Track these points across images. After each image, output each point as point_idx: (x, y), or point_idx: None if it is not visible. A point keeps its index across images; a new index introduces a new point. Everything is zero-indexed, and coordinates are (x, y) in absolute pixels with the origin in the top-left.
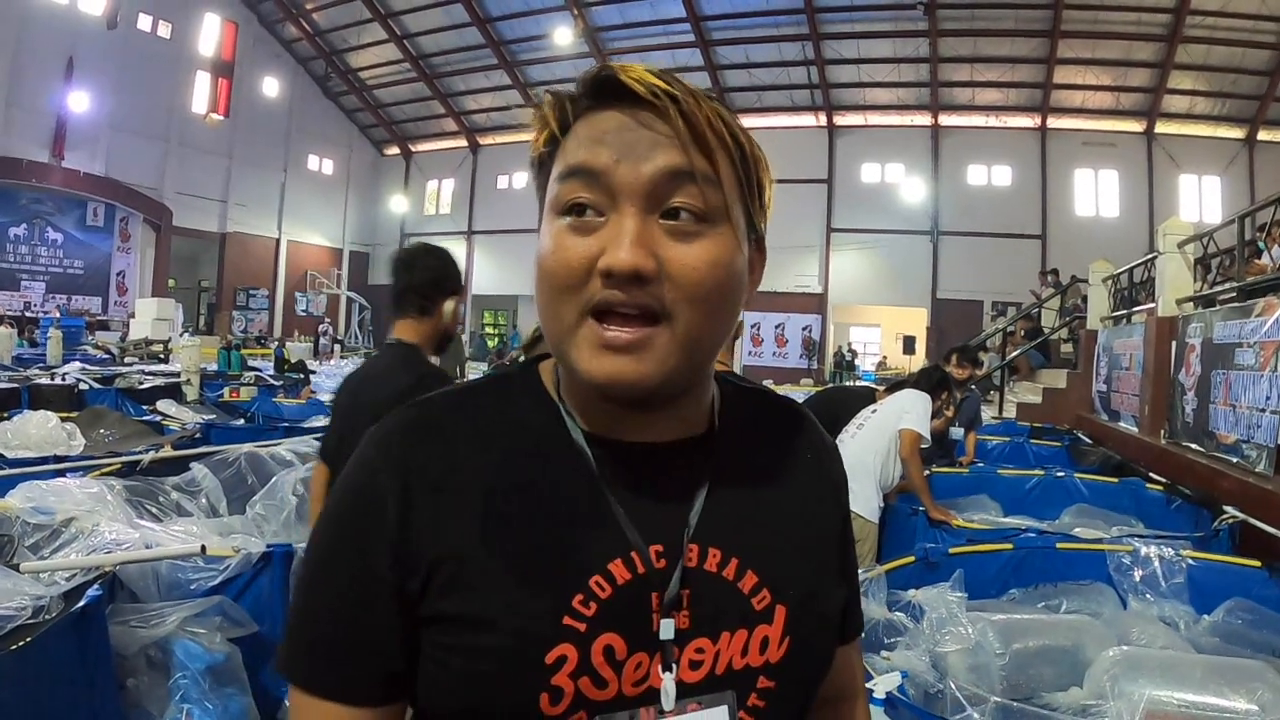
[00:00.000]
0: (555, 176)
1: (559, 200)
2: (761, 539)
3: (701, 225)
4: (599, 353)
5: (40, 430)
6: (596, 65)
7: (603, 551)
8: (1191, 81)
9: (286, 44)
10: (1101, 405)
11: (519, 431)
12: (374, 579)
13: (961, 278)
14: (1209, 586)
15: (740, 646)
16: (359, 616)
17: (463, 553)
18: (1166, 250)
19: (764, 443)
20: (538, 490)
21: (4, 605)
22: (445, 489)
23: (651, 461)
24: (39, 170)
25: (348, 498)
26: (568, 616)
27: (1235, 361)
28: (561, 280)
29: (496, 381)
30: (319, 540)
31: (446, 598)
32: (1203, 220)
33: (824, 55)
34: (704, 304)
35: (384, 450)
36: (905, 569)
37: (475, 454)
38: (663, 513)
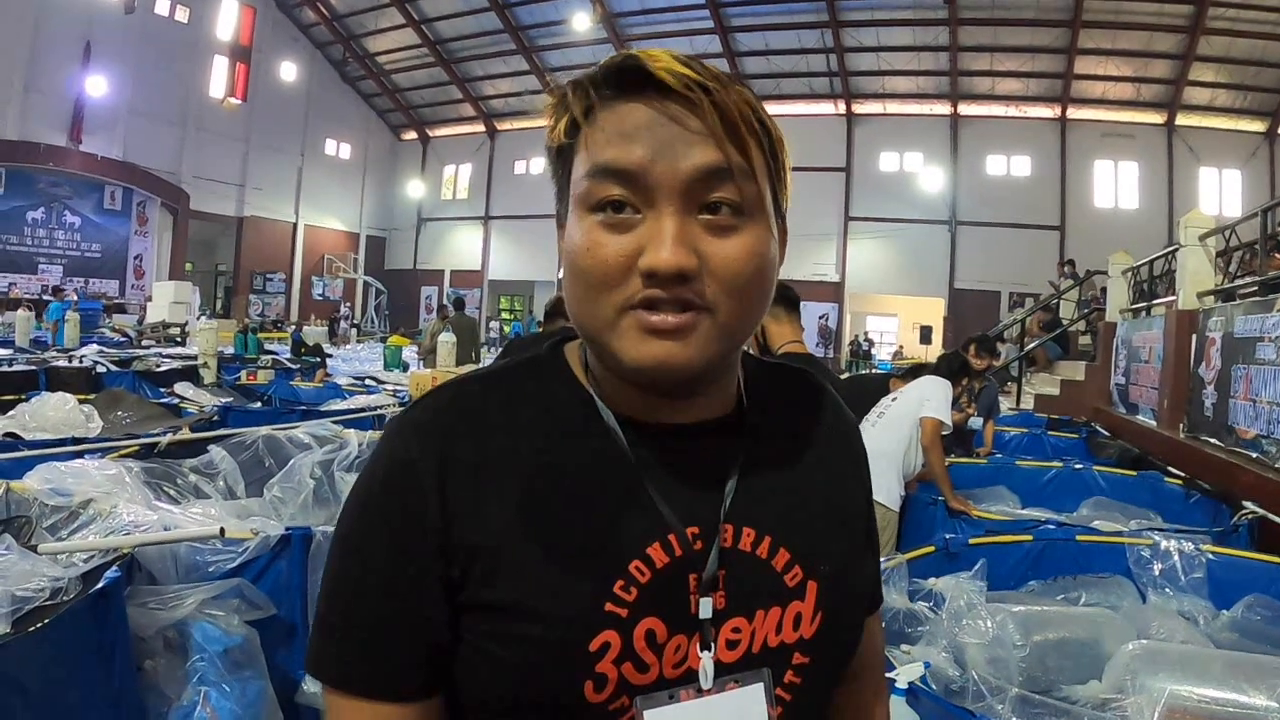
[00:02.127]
0: (585, 173)
1: (590, 196)
2: (792, 516)
3: (739, 219)
4: (644, 338)
5: (58, 412)
6: (620, 53)
7: (640, 535)
8: (1213, 74)
9: (304, 28)
10: (1120, 398)
11: (552, 416)
12: (418, 568)
13: (979, 268)
14: (1228, 582)
15: (775, 624)
16: (404, 608)
17: (503, 540)
18: (1187, 243)
19: (789, 419)
20: (574, 475)
21: (22, 587)
22: (483, 476)
23: (684, 443)
24: (57, 154)
25: (383, 486)
26: (610, 603)
27: (1256, 356)
28: (599, 279)
29: (525, 366)
30: (353, 531)
31: (488, 586)
32: (1223, 214)
33: (843, 43)
34: (743, 295)
35: (419, 437)
36: (925, 559)
37: (510, 440)
38: (697, 494)
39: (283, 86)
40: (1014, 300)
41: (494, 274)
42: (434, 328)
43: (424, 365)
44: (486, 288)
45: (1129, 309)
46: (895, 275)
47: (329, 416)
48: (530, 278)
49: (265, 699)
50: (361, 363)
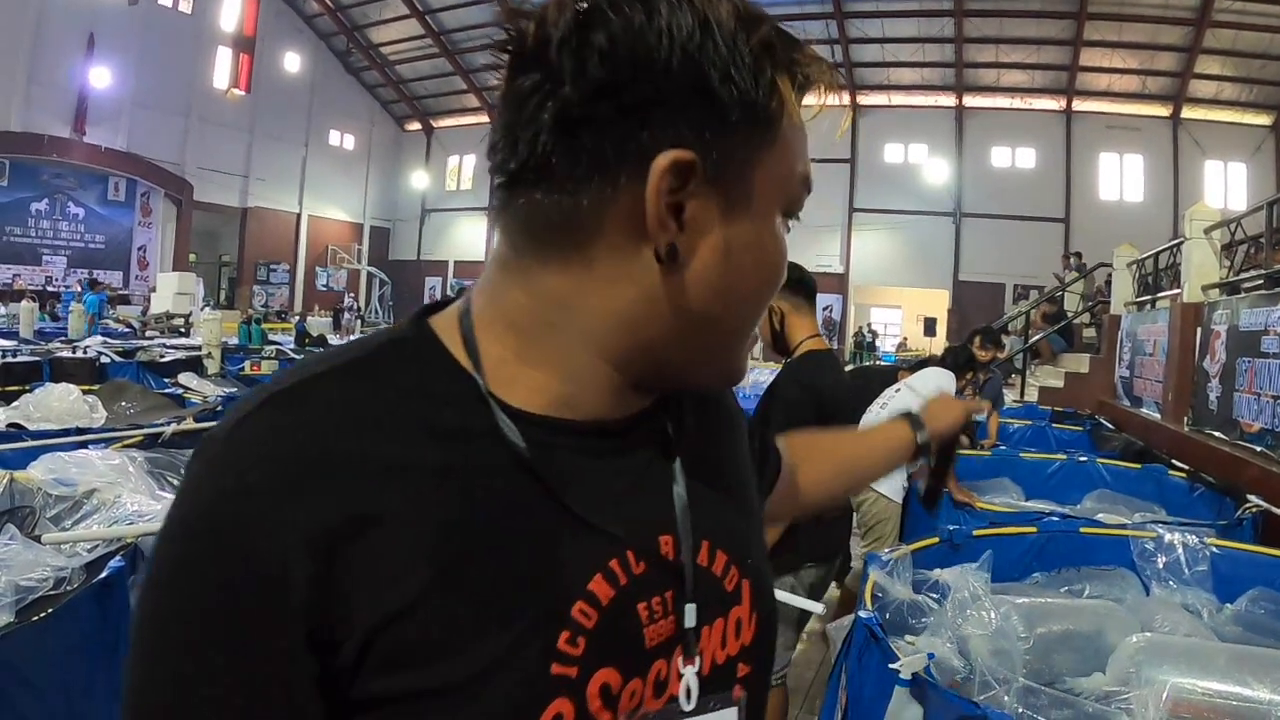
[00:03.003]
0: (797, 177)
1: (794, 203)
2: (721, 513)
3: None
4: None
5: (62, 403)
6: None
7: (579, 568)
8: (1219, 67)
9: (308, 19)
10: (1124, 391)
11: (438, 426)
12: (279, 665)
13: (984, 260)
14: (1232, 575)
15: (720, 638)
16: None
17: (402, 609)
18: (1193, 236)
19: (690, 399)
20: (486, 502)
21: (26, 576)
22: (362, 522)
23: (610, 444)
24: (61, 145)
25: (211, 548)
26: (556, 664)
27: (1261, 349)
28: (771, 289)
29: (388, 350)
30: (168, 620)
31: (393, 671)
32: (1228, 207)
33: (848, 34)
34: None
35: (260, 469)
36: (929, 550)
37: (391, 463)
38: (632, 505)
39: (286, 77)
40: (1018, 292)
41: None
42: None
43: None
44: None
45: (1134, 302)
46: (899, 267)
47: None
48: None
49: None
50: None
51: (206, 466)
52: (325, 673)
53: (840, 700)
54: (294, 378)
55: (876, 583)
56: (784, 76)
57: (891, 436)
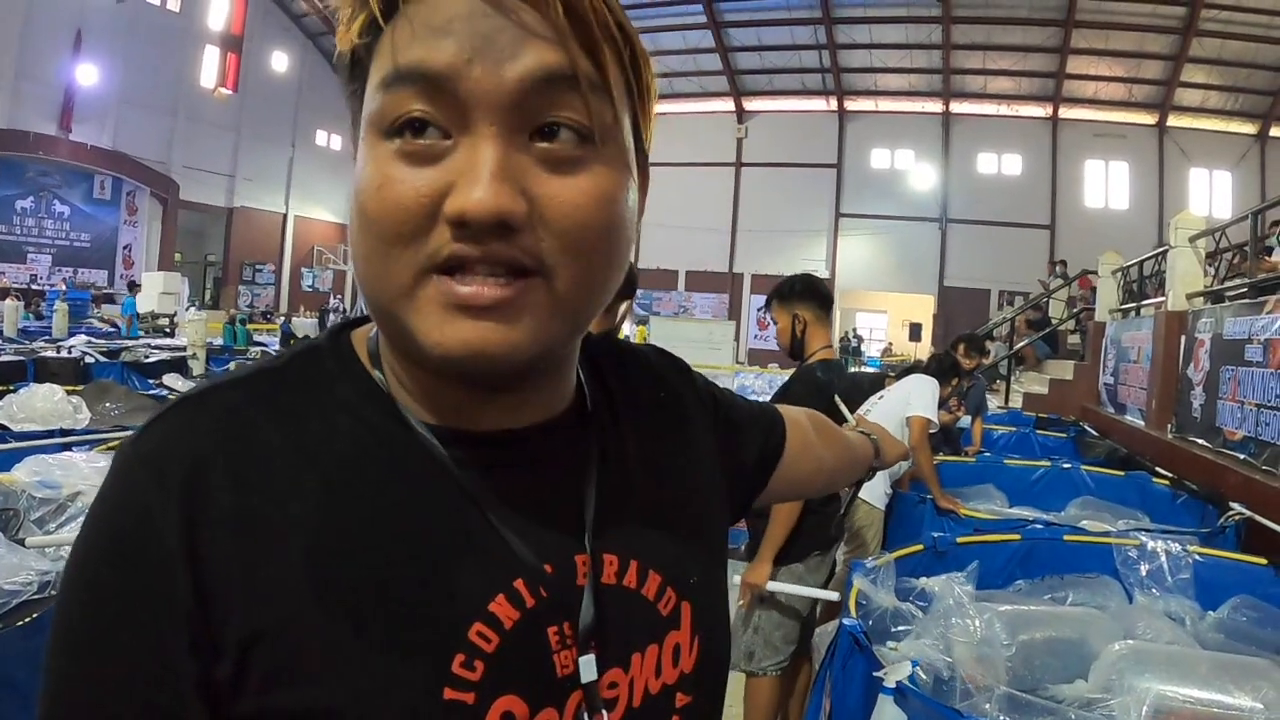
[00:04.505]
0: (379, 81)
1: (383, 115)
2: (654, 528)
3: (586, 148)
4: (451, 316)
5: (46, 403)
6: None
7: (479, 587)
8: (1205, 75)
9: (296, 18)
10: (1108, 397)
11: (343, 434)
12: (164, 671)
13: (969, 266)
14: (1215, 583)
15: (654, 666)
16: None
17: (291, 620)
18: (1177, 244)
19: (635, 404)
20: (380, 512)
21: (10, 580)
22: (254, 528)
23: (515, 454)
24: (46, 143)
25: (109, 555)
26: (449, 688)
27: (1245, 358)
28: (392, 228)
29: (299, 361)
30: (72, 621)
31: (277, 688)
32: (1213, 215)
33: (836, 39)
34: (592, 254)
35: (157, 479)
36: (913, 557)
37: (288, 468)
38: (545, 521)
39: (274, 77)
40: (1004, 298)
41: None
42: None
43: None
44: None
45: (1118, 309)
46: (885, 272)
47: None
48: None
49: None
50: None
51: (112, 471)
52: (207, 681)
53: (824, 707)
54: (205, 385)
55: (860, 590)
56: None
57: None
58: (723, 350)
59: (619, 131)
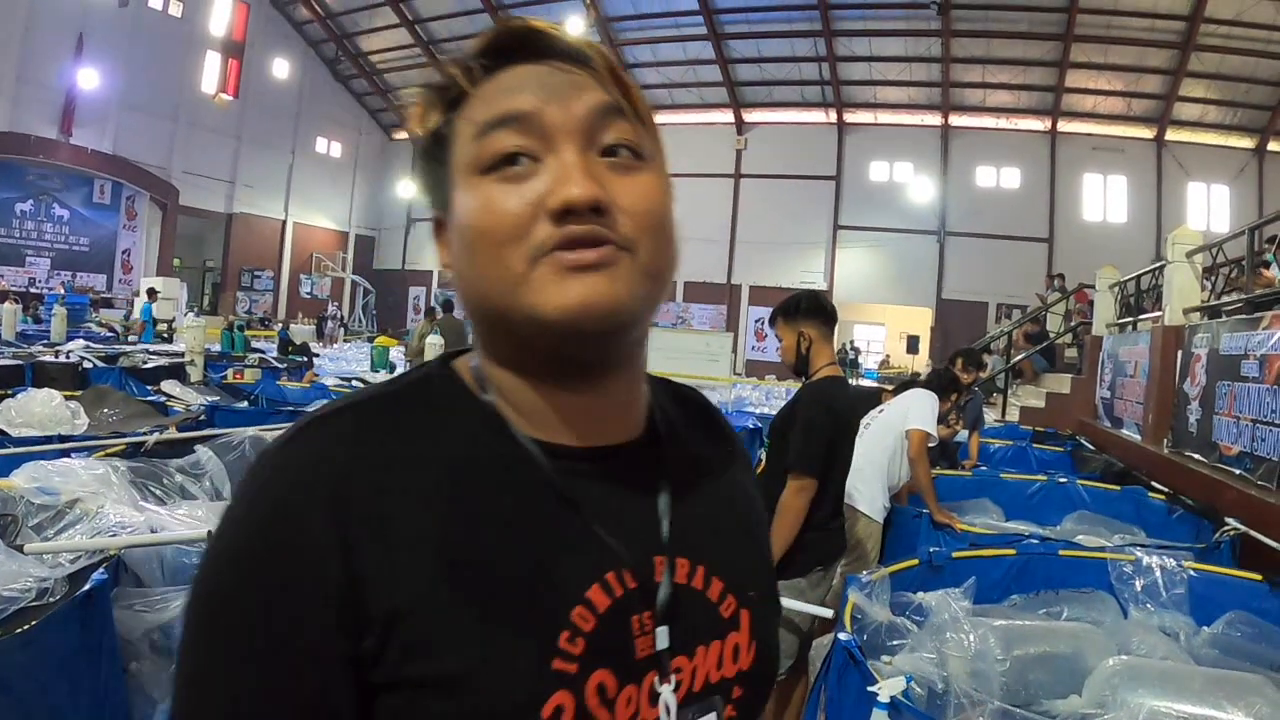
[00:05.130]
0: (471, 136)
1: (481, 156)
2: (718, 542)
3: (639, 162)
4: (566, 279)
5: (44, 408)
6: (496, 24)
7: (578, 576)
8: (1204, 90)
9: (297, 26)
10: (1105, 412)
11: (459, 445)
12: (323, 650)
13: (967, 279)
14: (1210, 598)
15: (715, 659)
16: (308, 702)
17: (424, 602)
18: (1175, 259)
19: (694, 437)
20: (495, 513)
21: (9, 587)
22: (390, 523)
23: (608, 467)
24: (47, 146)
25: (263, 543)
26: (558, 659)
27: (1241, 373)
28: (503, 232)
29: (415, 386)
30: (223, 604)
31: (411, 660)
32: (1210, 229)
33: (836, 52)
34: (659, 234)
35: (305, 481)
36: (909, 572)
37: (415, 476)
38: (628, 525)
39: (275, 83)
40: (1001, 311)
41: None
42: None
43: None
44: None
45: (1116, 323)
46: (883, 284)
47: None
48: None
49: None
50: (348, 363)
51: (258, 478)
52: (355, 655)
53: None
54: (331, 407)
55: (856, 604)
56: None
57: None
58: (720, 362)
59: (656, 155)
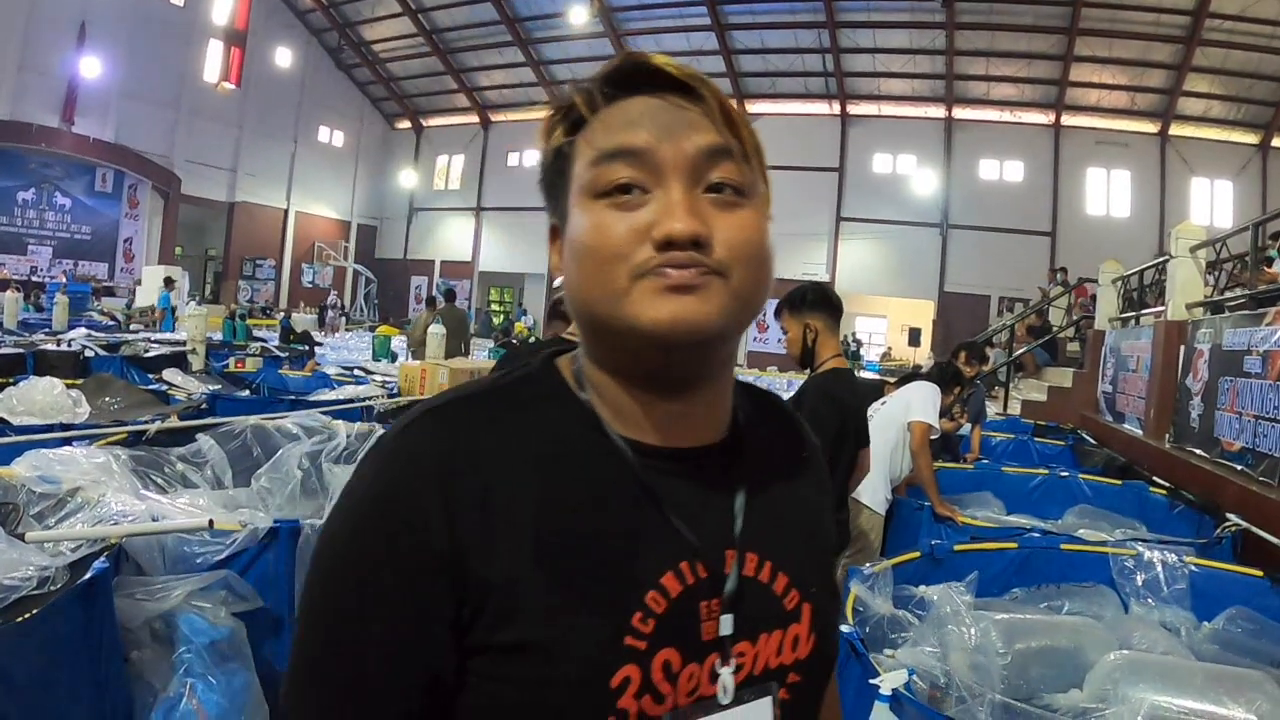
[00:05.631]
0: (589, 161)
1: (597, 183)
2: (786, 539)
3: (740, 198)
4: (662, 296)
5: (45, 397)
6: (618, 55)
7: (655, 564)
8: (1208, 85)
9: (300, 14)
10: (1106, 406)
11: (554, 437)
12: (427, 607)
13: (969, 272)
14: (1210, 594)
15: (775, 647)
16: (413, 652)
17: (516, 576)
18: (1178, 254)
19: (773, 442)
20: (583, 501)
21: (10, 575)
22: (490, 504)
23: (690, 466)
24: (49, 135)
25: (384, 515)
26: (630, 637)
27: (1243, 369)
28: (611, 251)
29: (519, 383)
30: (347, 562)
31: (502, 626)
32: (1213, 224)
33: (840, 43)
34: (754, 263)
35: (417, 462)
36: (910, 564)
37: (513, 465)
38: (704, 520)
39: (277, 72)
40: (1004, 305)
41: (484, 265)
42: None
43: (413, 357)
44: (477, 279)
45: (1118, 317)
46: (885, 277)
47: (317, 407)
48: (521, 270)
49: (251, 691)
50: (350, 351)
51: (377, 460)
52: (456, 619)
53: None
54: (445, 398)
55: (858, 597)
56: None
57: None
58: None
59: (758, 190)
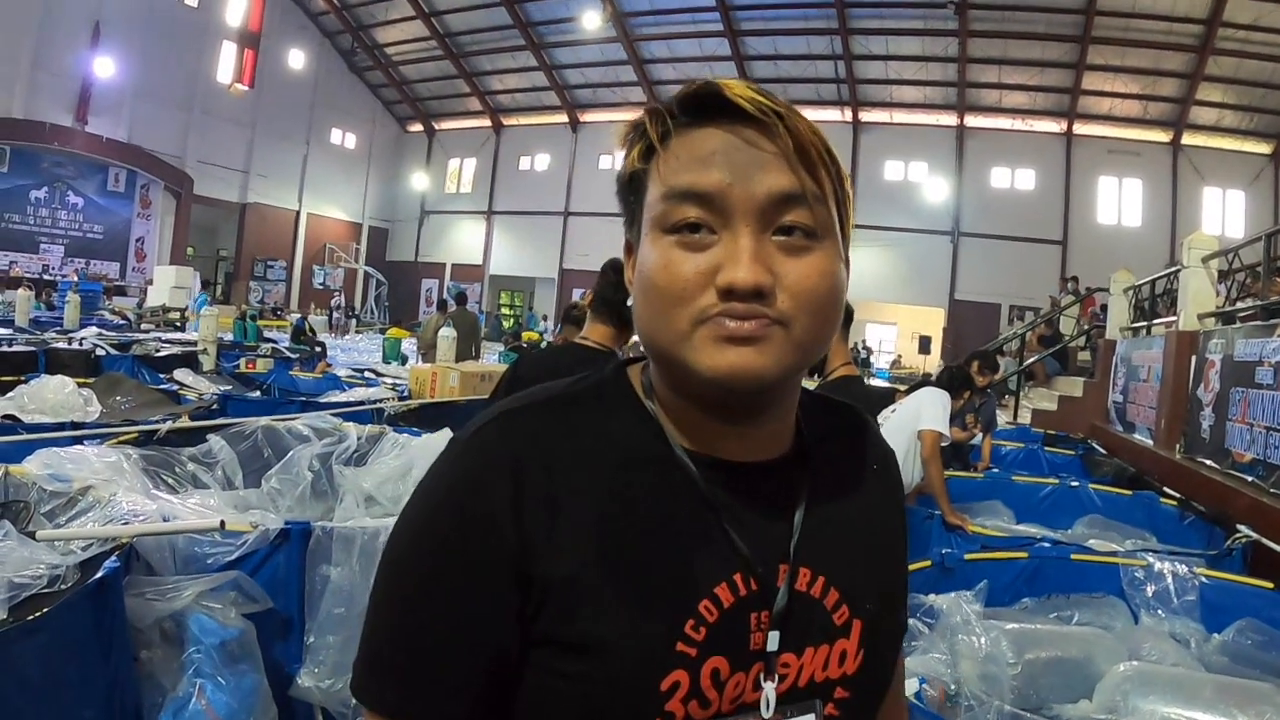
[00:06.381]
0: (661, 195)
1: (667, 219)
2: (843, 554)
3: (811, 241)
4: (721, 346)
5: (57, 395)
6: (695, 80)
7: (709, 573)
8: (1220, 94)
9: (313, 16)
10: (1117, 416)
11: (620, 445)
12: (494, 598)
13: (980, 280)
14: (1220, 605)
15: (822, 661)
16: (479, 640)
17: (578, 575)
18: (1190, 264)
19: (839, 454)
20: (645, 508)
21: (20, 574)
22: (557, 505)
23: (751, 481)
24: (62, 134)
25: (456, 510)
26: (681, 643)
27: (1255, 380)
28: (675, 293)
29: (590, 390)
30: (419, 555)
31: (562, 622)
32: (1225, 235)
33: (852, 50)
34: (817, 312)
35: (489, 462)
36: (921, 573)
37: (581, 469)
38: (761, 534)
39: (290, 74)
40: (1014, 313)
41: (495, 269)
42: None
43: (424, 360)
44: (487, 282)
45: (1129, 327)
46: (896, 284)
47: (328, 408)
48: (531, 274)
49: (260, 693)
50: (360, 353)
51: (451, 456)
52: (521, 610)
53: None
54: (519, 402)
55: None
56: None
57: None
58: None
59: (833, 227)
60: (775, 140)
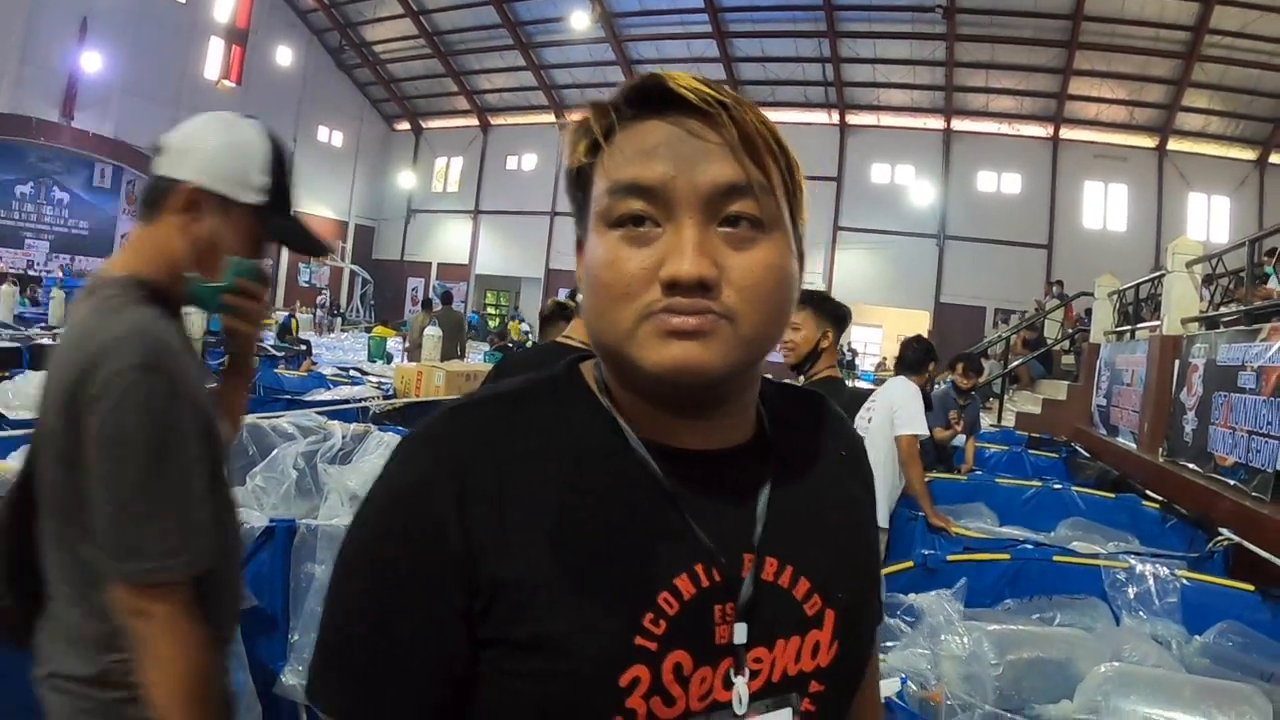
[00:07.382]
0: (604, 189)
1: (611, 213)
2: (811, 544)
3: (757, 232)
4: (664, 341)
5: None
6: (639, 75)
7: (669, 565)
8: (1206, 100)
9: (302, 14)
10: (1100, 419)
11: (575, 439)
12: (439, 600)
13: (966, 283)
14: (1201, 607)
15: (794, 653)
16: (422, 640)
17: (529, 574)
18: (1174, 269)
19: (805, 443)
20: (601, 501)
21: None
22: (505, 505)
23: (710, 470)
24: (48, 129)
25: (398, 511)
26: (639, 637)
27: (1238, 384)
28: (620, 289)
29: (543, 386)
30: (366, 556)
31: (514, 622)
32: (1210, 240)
33: (840, 53)
34: (764, 305)
35: (435, 461)
36: (903, 574)
37: (533, 464)
38: (724, 523)
39: (277, 71)
40: (999, 316)
41: (481, 268)
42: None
43: (409, 359)
44: (473, 281)
45: (1113, 331)
46: (882, 287)
47: (313, 406)
48: (518, 273)
49: (244, 690)
50: (345, 352)
51: (399, 456)
52: (468, 612)
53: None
54: (468, 399)
55: None
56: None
57: None
58: None
59: (782, 219)
60: (720, 131)
